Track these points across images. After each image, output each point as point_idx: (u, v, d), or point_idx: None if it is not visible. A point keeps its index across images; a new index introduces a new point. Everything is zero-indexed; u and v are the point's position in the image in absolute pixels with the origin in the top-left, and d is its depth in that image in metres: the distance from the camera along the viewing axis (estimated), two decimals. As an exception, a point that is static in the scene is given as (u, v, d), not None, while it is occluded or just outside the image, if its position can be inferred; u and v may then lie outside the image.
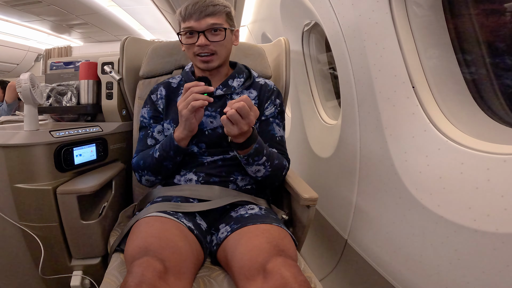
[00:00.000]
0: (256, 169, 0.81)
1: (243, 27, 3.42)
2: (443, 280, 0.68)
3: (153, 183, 0.91)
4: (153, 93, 0.94)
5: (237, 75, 0.92)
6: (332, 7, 1.00)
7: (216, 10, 0.80)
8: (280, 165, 0.86)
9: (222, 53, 0.84)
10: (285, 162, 0.89)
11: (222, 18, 0.82)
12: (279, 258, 0.60)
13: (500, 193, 0.57)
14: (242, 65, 0.97)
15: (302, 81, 1.74)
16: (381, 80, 0.85)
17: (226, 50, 0.86)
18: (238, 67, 0.94)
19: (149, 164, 0.86)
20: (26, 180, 0.83)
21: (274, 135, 0.90)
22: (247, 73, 0.94)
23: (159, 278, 0.55)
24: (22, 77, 0.85)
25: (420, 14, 0.77)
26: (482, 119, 0.73)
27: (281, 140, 0.92)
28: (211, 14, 0.79)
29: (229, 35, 0.85)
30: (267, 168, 0.82)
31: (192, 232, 0.71)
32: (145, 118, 0.93)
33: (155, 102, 0.93)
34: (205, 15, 0.79)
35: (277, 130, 0.91)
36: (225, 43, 0.84)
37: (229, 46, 0.87)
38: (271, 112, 0.91)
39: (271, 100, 0.91)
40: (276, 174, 0.86)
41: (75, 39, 5.34)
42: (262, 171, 0.82)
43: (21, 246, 0.87)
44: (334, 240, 1.20)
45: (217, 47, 0.82)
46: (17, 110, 2.40)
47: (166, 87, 0.94)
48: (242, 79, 0.92)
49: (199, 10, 0.79)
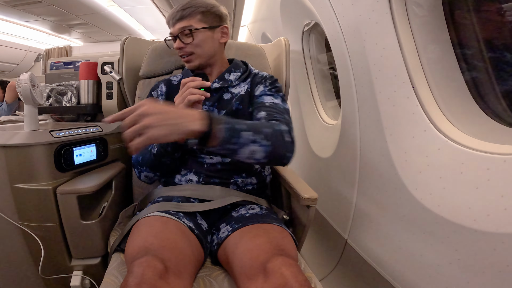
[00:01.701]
0: (249, 152, 0.65)
1: (243, 27, 3.42)
2: (443, 280, 0.68)
3: (152, 179, 0.92)
4: (153, 90, 0.96)
5: (234, 69, 0.93)
6: (332, 7, 1.00)
7: (185, 14, 0.83)
8: (275, 132, 0.69)
9: (199, 52, 0.86)
10: (281, 126, 0.72)
11: (194, 19, 0.83)
12: (279, 258, 0.60)
13: (500, 193, 0.57)
14: (239, 61, 0.97)
15: (302, 81, 1.74)
16: (381, 80, 0.85)
17: (204, 50, 0.86)
18: (235, 62, 0.96)
19: (147, 160, 0.86)
20: (26, 180, 0.83)
21: (263, 102, 0.83)
22: (244, 68, 0.95)
23: (159, 277, 0.55)
24: (22, 77, 0.85)
25: (420, 13, 0.77)
26: (482, 119, 0.73)
27: (275, 105, 0.81)
28: (180, 19, 0.83)
29: (205, 34, 0.85)
30: (263, 142, 0.66)
31: (192, 232, 0.71)
32: None
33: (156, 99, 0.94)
34: (176, 21, 0.84)
35: (268, 99, 0.84)
36: (199, 43, 0.84)
37: (208, 45, 0.86)
38: (260, 90, 0.88)
39: (261, 83, 0.90)
40: (278, 144, 0.69)
41: (75, 39, 5.34)
42: (259, 150, 0.66)
43: (21, 246, 0.87)
44: (334, 240, 1.20)
45: (192, 48, 0.85)
46: (17, 110, 2.40)
47: (167, 85, 0.95)
48: (239, 73, 0.93)
49: (172, 16, 0.84)
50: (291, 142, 0.72)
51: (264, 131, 0.67)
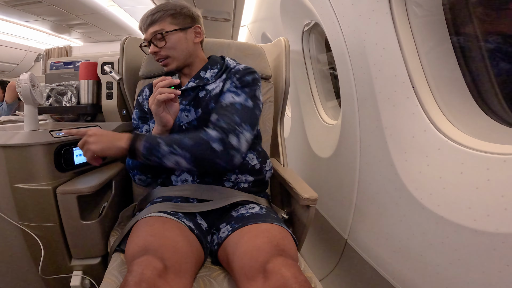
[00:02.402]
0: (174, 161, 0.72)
1: (243, 27, 3.42)
2: (443, 280, 0.68)
3: (145, 182, 0.92)
4: (139, 95, 0.98)
5: (210, 66, 0.91)
6: (332, 7, 1.00)
7: (155, 19, 0.84)
8: (195, 142, 0.72)
9: (174, 54, 0.86)
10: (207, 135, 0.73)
11: (164, 23, 0.84)
12: (279, 258, 0.60)
13: (500, 193, 0.57)
14: (218, 57, 0.95)
15: (302, 81, 1.74)
16: (381, 80, 0.85)
17: (178, 51, 0.86)
18: (212, 59, 0.94)
19: (136, 163, 0.87)
20: (26, 180, 0.83)
21: (221, 102, 0.82)
22: (221, 63, 0.93)
23: (159, 276, 0.55)
24: (22, 77, 0.85)
25: (420, 13, 0.77)
26: (482, 119, 0.73)
27: (231, 106, 0.79)
28: (151, 23, 0.84)
29: (177, 36, 0.85)
30: (180, 152, 0.71)
31: (192, 232, 0.71)
32: (135, 119, 0.97)
33: (141, 103, 0.96)
34: (147, 26, 0.85)
35: (229, 98, 0.81)
36: (173, 45, 0.85)
37: (182, 46, 0.86)
38: (226, 87, 0.85)
39: (231, 78, 0.87)
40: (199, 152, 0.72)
41: (75, 39, 5.34)
42: (180, 160, 0.72)
43: (21, 246, 0.87)
44: (334, 240, 1.20)
45: (167, 51, 0.85)
46: (17, 110, 2.40)
47: (150, 88, 0.96)
48: (216, 70, 0.91)
49: (143, 22, 0.86)
50: (223, 149, 0.73)
51: (184, 142, 0.73)
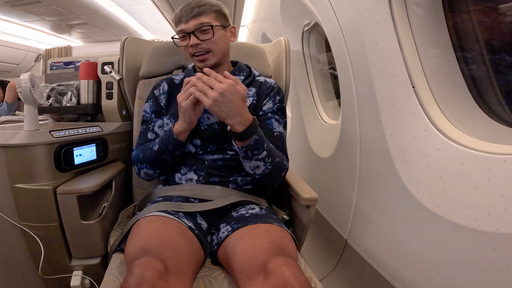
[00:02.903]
0: (255, 165, 0.78)
1: (243, 27, 3.42)
2: (443, 280, 0.68)
3: (151, 177, 0.92)
4: (156, 88, 0.96)
5: (237, 72, 0.93)
6: (332, 7, 1.00)
7: (202, 10, 0.82)
8: (281, 163, 0.82)
9: (216, 50, 0.85)
10: (285, 161, 0.85)
11: (210, 16, 0.83)
12: (279, 258, 0.60)
13: (500, 193, 0.57)
14: (243, 64, 0.97)
15: (302, 81, 1.74)
16: (381, 80, 0.85)
17: (220, 47, 0.86)
18: (239, 66, 0.95)
19: (147, 157, 0.87)
20: (26, 180, 0.83)
21: (272, 130, 0.87)
22: (247, 71, 0.94)
23: (159, 278, 0.55)
24: (22, 77, 0.85)
25: (420, 14, 0.77)
26: (482, 119, 0.73)
27: (280, 136, 0.88)
28: (197, 15, 0.82)
29: (221, 32, 0.85)
30: (267, 165, 0.78)
31: (192, 231, 0.71)
32: (147, 113, 0.95)
33: (158, 97, 0.94)
34: (192, 17, 0.82)
35: (276, 126, 0.88)
36: (217, 40, 0.84)
37: (223, 43, 0.87)
38: (269, 107, 0.89)
39: (270, 97, 0.90)
40: (276, 172, 0.81)
41: (75, 39, 5.34)
42: (262, 168, 0.78)
43: (21, 246, 0.87)
44: (334, 240, 1.20)
45: (209, 45, 0.83)
46: (17, 110, 2.40)
47: (169, 83, 0.95)
48: (243, 77, 0.92)
49: (186, 12, 0.82)
50: (283, 177, 0.86)
51: (275, 158, 0.79)
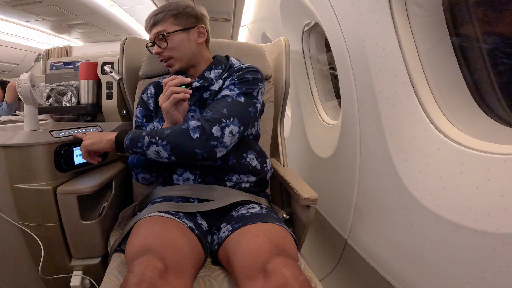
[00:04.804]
0: (154, 151, 0.74)
1: (243, 27, 3.42)
2: (443, 280, 0.68)
3: (149, 180, 0.93)
4: (144, 93, 0.97)
5: (214, 66, 0.91)
6: (332, 7, 1.00)
7: (157, 19, 0.85)
8: (174, 131, 0.74)
9: (177, 55, 0.86)
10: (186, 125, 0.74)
11: (167, 23, 0.84)
12: (280, 258, 0.60)
13: (500, 193, 0.57)
14: (222, 57, 0.95)
15: (302, 81, 1.74)
16: (381, 80, 0.85)
17: (181, 52, 0.86)
18: (216, 59, 0.93)
19: (141, 161, 0.88)
20: (26, 180, 0.83)
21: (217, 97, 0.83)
22: (225, 63, 0.93)
23: (159, 277, 0.55)
24: (22, 77, 0.85)
25: (420, 13, 0.77)
26: (482, 119, 0.73)
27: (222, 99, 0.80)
28: (154, 24, 0.85)
29: (180, 36, 0.85)
30: (159, 142, 0.73)
31: (193, 231, 0.71)
32: (138, 118, 0.96)
33: (146, 101, 0.95)
34: (150, 27, 0.86)
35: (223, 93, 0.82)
36: (176, 46, 0.85)
37: (185, 47, 0.86)
38: (226, 84, 0.85)
39: (231, 76, 0.86)
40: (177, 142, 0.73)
41: (75, 39, 5.34)
42: (160, 149, 0.73)
43: (21, 246, 0.87)
44: (334, 240, 1.20)
45: (170, 52, 0.86)
46: (17, 110, 2.40)
47: (155, 86, 0.96)
48: (220, 70, 0.91)
49: (147, 23, 0.87)
50: (201, 137, 0.73)
51: (164, 132, 0.75)
